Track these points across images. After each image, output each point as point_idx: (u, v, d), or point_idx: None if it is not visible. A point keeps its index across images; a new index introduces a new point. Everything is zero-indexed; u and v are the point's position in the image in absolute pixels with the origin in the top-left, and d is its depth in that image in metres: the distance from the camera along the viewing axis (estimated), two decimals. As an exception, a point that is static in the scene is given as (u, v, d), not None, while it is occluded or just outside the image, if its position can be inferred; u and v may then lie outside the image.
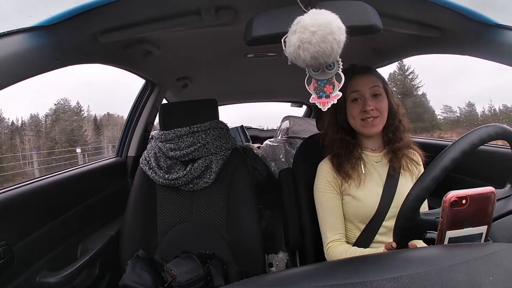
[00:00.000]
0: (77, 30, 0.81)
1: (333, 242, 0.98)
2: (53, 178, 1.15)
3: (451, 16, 0.85)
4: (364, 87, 0.97)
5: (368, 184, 0.99)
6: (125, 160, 1.68)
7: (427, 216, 0.63)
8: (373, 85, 0.97)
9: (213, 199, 1.32)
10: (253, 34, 0.70)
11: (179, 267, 1.08)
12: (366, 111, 0.95)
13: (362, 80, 0.98)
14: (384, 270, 0.44)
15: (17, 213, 0.94)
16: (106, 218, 1.42)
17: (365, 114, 0.96)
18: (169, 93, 1.99)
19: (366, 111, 0.95)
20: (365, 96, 0.97)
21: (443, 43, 1.03)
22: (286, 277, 0.46)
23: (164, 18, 0.87)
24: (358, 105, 0.98)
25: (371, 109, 0.95)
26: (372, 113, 0.95)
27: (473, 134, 0.63)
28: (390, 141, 1.01)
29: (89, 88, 45.55)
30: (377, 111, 0.96)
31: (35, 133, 19.36)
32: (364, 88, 0.97)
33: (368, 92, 0.97)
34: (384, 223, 0.96)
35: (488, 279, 0.37)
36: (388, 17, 0.84)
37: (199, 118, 1.35)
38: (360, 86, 0.97)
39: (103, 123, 21.82)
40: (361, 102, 0.97)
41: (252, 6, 0.80)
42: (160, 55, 1.26)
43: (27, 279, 0.94)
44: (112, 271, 1.29)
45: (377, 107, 0.96)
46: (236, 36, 0.87)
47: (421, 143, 1.10)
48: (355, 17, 0.69)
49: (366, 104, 0.96)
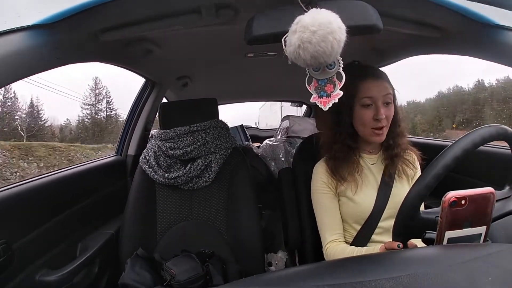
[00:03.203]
0: (77, 29, 0.81)
1: (331, 243, 0.98)
2: (52, 176, 1.15)
3: (451, 16, 0.84)
4: (378, 94, 0.93)
5: (364, 186, 0.99)
6: (124, 159, 1.68)
7: (427, 215, 0.63)
8: (386, 92, 0.93)
9: (212, 198, 1.32)
10: (254, 33, 0.70)
11: (178, 266, 1.08)
12: (378, 120, 0.92)
13: (376, 86, 0.94)
14: (383, 270, 0.44)
15: (16, 211, 0.94)
16: (105, 217, 1.42)
17: (376, 122, 0.93)
18: (169, 92, 1.99)
19: (378, 120, 0.92)
20: (378, 104, 0.92)
21: (443, 43, 1.03)
22: (285, 277, 0.46)
23: (165, 16, 0.87)
24: (370, 111, 0.93)
25: (383, 118, 0.92)
26: (383, 122, 0.92)
27: (475, 133, 0.63)
28: (389, 148, 0.99)
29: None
30: (386, 120, 0.93)
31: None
32: (378, 94, 0.93)
33: (381, 100, 0.93)
34: (380, 224, 0.97)
35: (487, 280, 0.37)
36: (388, 17, 0.84)
37: (199, 117, 1.35)
38: (374, 92, 0.93)
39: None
40: (373, 109, 0.93)
41: (252, 5, 0.80)
42: (160, 54, 1.26)
43: (27, 277, 0.94)
44: (112, 269, 1.29)
45: (387, 116, 0.93)
46: (237, 35, 0.86)
47: (419, 143, 1.10)
48: (356, 17, 0.69)
49: (379, 113, 0.92)
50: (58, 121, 21.87)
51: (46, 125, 20.49)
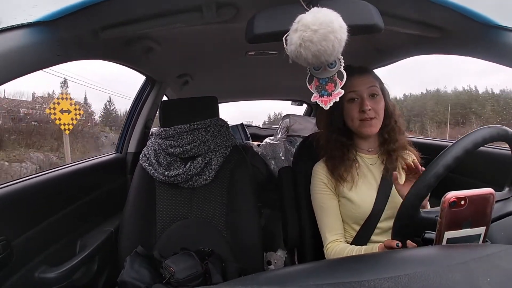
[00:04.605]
0: (78, 26, 0.81)
1: (332, 243, 0.99)
2: (52, 173, 1.15)
3: (452, 16, 0.84)
4: (361, 87, 0.96)
5: (363, 186, 0.99)
6: (124, 157, 1.68)
7: (427, 214, 0.64)
8: (370, 85, 0.97)
9: (212, 196, 1.32)
10: (255, 31, 0.70)
11: (177, 264, 1.08)
12: (364, 111, 0.95)
13: (359, 80, 0.97)
14: (382, 269, 0.44)
15: (16, 208, 0.94)
16: (105, 214, 1.42)
17: (362, 114, 0.95)
18: (170, 90, 1.99)
19: (364, 111, 0.95)
20: (363, 96, 0.96)
21: (444, 44, 1.03)
22: (284, 275, 0.46)
23: (165, 14, 0.86)
24: (355, 105, 0.97)
25: (368, 109, 0.94)
26: (370, 113, 0.95)
27: (476, 133, 0.63)
28: (386, 142, 1.00)
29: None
30: (374, 112, 0.95)
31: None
32: (361, 88, 0.96)
33: (366, 92, 0.96)
34: (379, 225, 0.97)
35: (486, 280, 0.38)
36: (389, 16, 0.84)
37: (199, 115, 1.35)
38: (357, 86, 0.96)
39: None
40: (359, 102, 0.97)
41: (253, 4, 0.80)
42: (161, 52, 1.26)
43: (26, 274, 0.94)
44: (111, 267, 1.29)
45: (374, 108, 0.95)
46: (237, 34, 0.86)
47: (418, 143, 1.10)
48: (357, 16, 0.69)
49: (363, 104, 0.95)
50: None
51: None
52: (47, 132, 9.36)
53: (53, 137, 9.14)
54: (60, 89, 12.57)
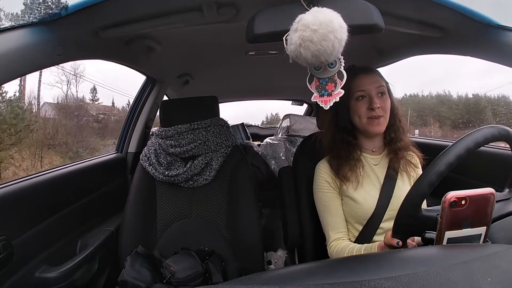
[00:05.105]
0: (78, 26, 0.81)
1: (335, 241, 0.99)
2: (53, 173, 1.15)
3: (452, 16, 0.84)
4: (370, 86, 0.97)
5: (366, 186, 0.99)
6: (125, 156, 1.68)
7: (428, 213, 0.63)
8: (379, 84, 0.97)
9: (212, 196, 1.32)
10: (255, 31, 0.70)
11: (178, 263, 1.08)
12: (373, 109, 0.95)
13: (367, 79, 0.98)
14: (383, 269, 0.44)
15: (17, 208, 0.94)
16: (105, 214, 1.42)
17: (371, 112, 0.95)
18: (170, 89, 1.99)
19: (373, 109, 0.95)
20: (371, 94, 0.96)
21: (444, 43, 1.03)
22: (284, 275, 0.46)
23: (165, 14, 0.87)
24: (364, 102, 0.97)
25: (377, 107, 0.94)
26: (378, 111, 0.95)
27: (477, 133, 0.63)
28: (392, 141, 1.01)
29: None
30: (382, 110, 0.96)
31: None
32: (370, 86, 0.97)
33: (374, 91, 0.96)
34: (382, 225, 0.97)
35: (486, 280, 0.38)
36: (390, 16, 0.84)
37: (200, 115, 1.35)
38: (366, 85, 0.97)
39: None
40: (367, 100, 0.97)
41: (253, 4, 0.80)
42: (161, 52, 1.26)
43: (26, 274, 0.94)
44: (111, 267, 1.30)
45: (382, 106, 0.95)
46: (238, 34, 0.86)
47: (420, 143, 1.10)
48: (357, 16, 0.68)
49: (372, 102, 0.95)
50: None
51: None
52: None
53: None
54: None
